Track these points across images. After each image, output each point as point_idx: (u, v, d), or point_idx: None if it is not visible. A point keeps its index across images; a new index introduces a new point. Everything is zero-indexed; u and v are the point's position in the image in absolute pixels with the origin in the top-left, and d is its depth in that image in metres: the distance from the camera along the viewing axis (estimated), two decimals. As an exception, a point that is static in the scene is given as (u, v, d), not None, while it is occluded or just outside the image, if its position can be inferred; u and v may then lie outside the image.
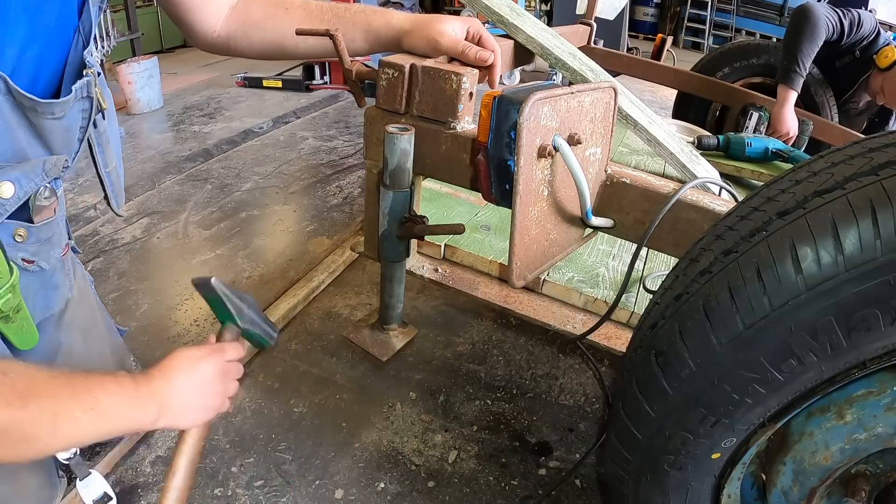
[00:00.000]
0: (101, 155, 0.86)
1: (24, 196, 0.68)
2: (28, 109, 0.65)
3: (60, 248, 0.82)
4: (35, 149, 0.68)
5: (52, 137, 0.70)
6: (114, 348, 1.08)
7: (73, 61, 0.71)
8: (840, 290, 0.57)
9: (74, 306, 0.91)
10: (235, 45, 1.01)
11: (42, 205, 0.71)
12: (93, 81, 0.72)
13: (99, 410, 0.60)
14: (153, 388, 0.67)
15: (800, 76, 2.13)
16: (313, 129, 3.91)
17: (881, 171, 0.59)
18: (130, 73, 3.89)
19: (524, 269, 1.00)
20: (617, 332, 1.37)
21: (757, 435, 0.71)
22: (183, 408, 0.71)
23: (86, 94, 0.72)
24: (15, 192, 0.66)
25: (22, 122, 0.65)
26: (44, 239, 0.76)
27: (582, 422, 1.56)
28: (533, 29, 1.38)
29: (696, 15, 9.04)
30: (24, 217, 0.71)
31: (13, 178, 0.65)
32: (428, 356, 1.75)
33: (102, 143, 0.85)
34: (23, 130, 0.66)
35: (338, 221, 2.66)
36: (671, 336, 0.68)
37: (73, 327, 0.90)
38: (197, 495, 1.29)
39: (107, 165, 0.88)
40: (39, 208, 0.71)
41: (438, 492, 1.34)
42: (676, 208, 0.97)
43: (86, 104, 0.73)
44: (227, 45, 1.00)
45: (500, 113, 0.94)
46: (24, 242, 0.72)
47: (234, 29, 0.99)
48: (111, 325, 1.10)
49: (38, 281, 0.79)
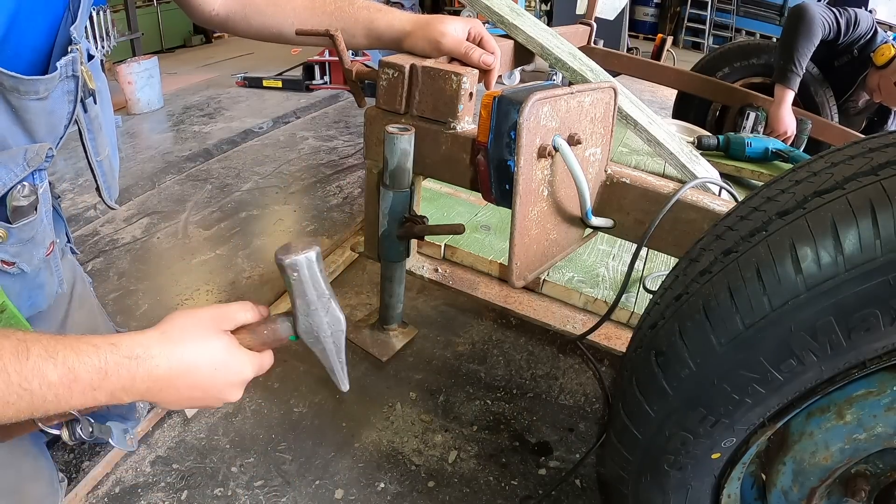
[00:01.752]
0: (92, 142, 0.79)
1: (2, 190, 0.62)
2: (9, 90, 0.59)
3: (45, 248, 0.75)
4: (16, 135, 0.63)
5: (34, 121, 0.64)
6: None
7: (61, 38, 0.65)
8: (840, 290, 0.57)
9: (75, 311, 0.90)
10: (234, 26, 1.00)
11: (20, 204, 0.65)
12: (78, 58, 0.66)
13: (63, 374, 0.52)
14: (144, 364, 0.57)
15: (796, 76, 2.13)
16: (313, 129, 3.91)
17: (881, 171, 0.59)
18: (130, 73, 3.89)
19: (524, 269, 1.00)
20: (617, 332, 1.37)
21: (757, 435, 0.71)
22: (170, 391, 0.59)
23: (70, 73, 0.66)
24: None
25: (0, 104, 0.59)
26: (25, 239, 0.69)
27: (582, 422, 1.56)
28: (533, 29, 1.38)
29: (696, 15, 9.05)
30: (2, 215, 0.65)
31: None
32: (428, 356, 1.75)
33: (94, 129, 0.79)
34: (2, 114, 0.60)
35: (338, 221, 2.66)
36: (671, 336, 0.68)
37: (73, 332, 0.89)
38: (197, 495, 1.29)
39: (98, 154, 0.82)
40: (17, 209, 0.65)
41: (438, 492, 1.34)
42: (676, 208, 0.97)
43: (70, 84, 0.67)
44: (225, 25, 0.99)
45: (500, 113, 0.94)
46: (3, 243, 0.66)
47: (234, 11, 0.98)
48: (110, 326, 1.10)
49: (20, 283, 0.73)
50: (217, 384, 0.63)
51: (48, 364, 0.51)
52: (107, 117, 0.84)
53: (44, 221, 0.72)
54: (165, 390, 0.59)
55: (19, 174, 0.62)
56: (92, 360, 0.53)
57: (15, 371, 0.49)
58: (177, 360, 0.59)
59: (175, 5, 1.00)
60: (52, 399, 0.52)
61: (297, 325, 0.67)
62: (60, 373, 0.51)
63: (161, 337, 0.59)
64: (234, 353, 0.64)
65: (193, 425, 1.47)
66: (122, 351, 0.56)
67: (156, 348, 0.58)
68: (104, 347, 0.55)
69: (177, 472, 1.35)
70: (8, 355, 0.49)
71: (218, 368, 0.62)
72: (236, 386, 0.65)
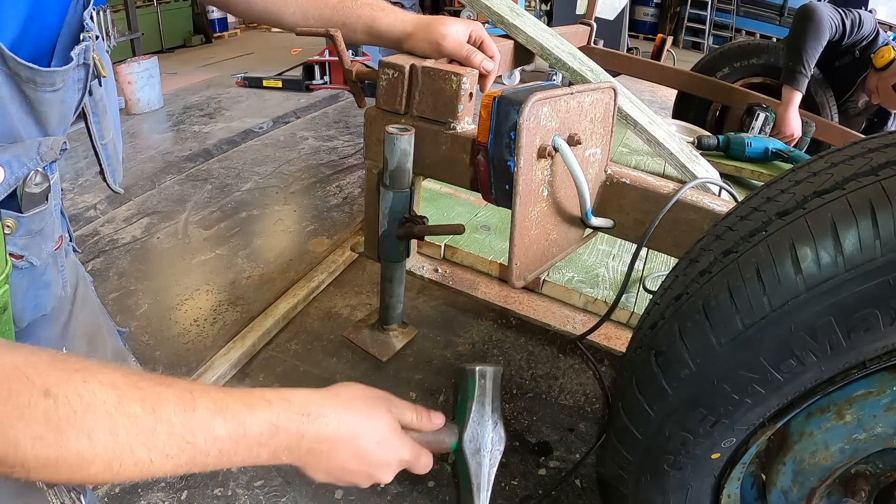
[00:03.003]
0: (97, 126, 0.77)
1: (15, 183, 0.60)
2: (25, 81, 0.57)
3: (53, 242, 0.73)
4: (28, 127, 0.61)
5: (48, 112, 0.62)
6: (115, 351, 1.07)
7: (71, 24, 0.63)
8: (839, 290, 0.57)
9: (78, 312, 0.89)
10: (234, 8, 0.99)
11: (32, 191, 0.62)
12: (91, 46, 0.64)
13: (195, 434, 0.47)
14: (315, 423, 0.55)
15: (805, 77, 2.13)
16: (313, 129, 3.92)
17: (881, 171, 0.59)
18: (130, 73, 3.89)
19: (524, 270, 1.00)
20: (617, 332, 1.37)
21: (757, 435, 0.71)
22: (330, 456, 0.57)
23: (83, 61, 0.64)
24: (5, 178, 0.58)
25: (16, 96, 0.57)
26: (35, 231, 0.67)
27: (582, 422, 1.56)
28: (533, 29, 1.38)
29: (696, 15, 9.05)
30: (12, 206, 0.62)
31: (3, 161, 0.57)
32: (428, 356, 1.75)
33: (99, 112, 0.77)
34: (15, 106, 0.58)
35: (338, 221, 2.66)
36: (671, 336, 0.68)
37: (77, 334, 0.86)
38: (197, 495, 1.29)
39: (103, 137, 0.80)
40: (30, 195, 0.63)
41: (438, 492, 1.34)
42: (676, 208, 0.97)
43: (81, 72, 0.65)
44: (227, 5, 0.99)
45: (499, 113, 0.94)
46: (12, 234, 0.64)
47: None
48: (111, 327, 1.10)
49: (27, 278, 0.71)
50: (376, 459, 0.61)
51: (217, 418, 0.48)
52: (111, 99, 0.82)
53: (53, 213, 0.71)
54: (326, 454, 0.57)
55: (32, 167, 0.61)
56: (264, 415, 0.52)
57: (180, 423, 0.46)
58: (346, 424, 0.58)
59: (175, 5, 1.00)
60: (215, 455, 0.49)
61: (464, 432, 0.69)
62: (230, 428, 0.49)
63: (334, 399, 0.58)
64: (398, 433, 0.63)
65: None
66: (295, 407, 0.54)
67: (328, 408, 0.57)
68: (277, 403, 0.53)
69: (177, 472, 1.35)
70: (172, 405, 0.46)
71: (381, 443, 0.61)
72: (392, 466, 0.63)
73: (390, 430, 0.62)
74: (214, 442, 0.48)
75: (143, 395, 0.45)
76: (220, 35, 7.18)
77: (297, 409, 0.54)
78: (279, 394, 0.55)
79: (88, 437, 0.41)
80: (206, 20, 6.91)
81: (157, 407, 0.45)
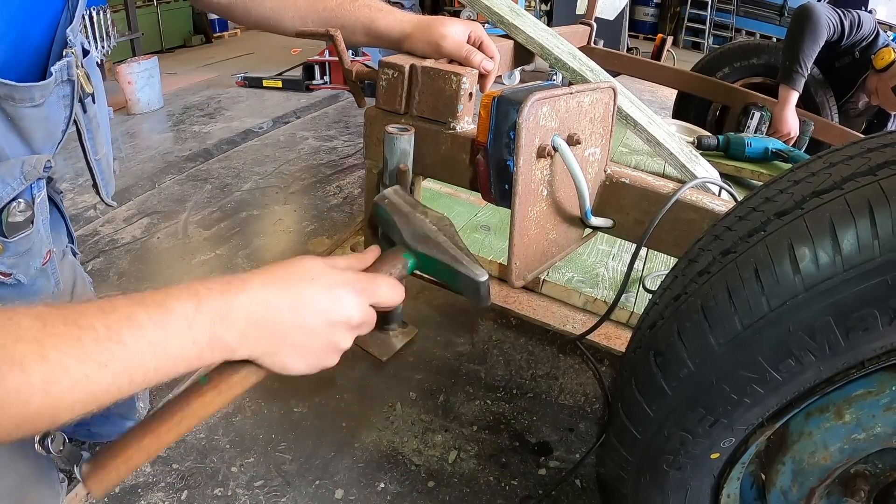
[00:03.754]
0: (91, 142, 0.78)
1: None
2: (3, 98, 0.56)
3: (41, 258, 0.73)
4: (12, 144, 0.60)
5: (31, 129, 0.61)
6: None
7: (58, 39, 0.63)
8: (838, 290, 0.57)
9: None
10: (234, 15, 1.00)
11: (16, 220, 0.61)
12: (73, 62, 0.64)
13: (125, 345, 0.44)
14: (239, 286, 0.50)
15: (801, 76, 2.13)
16: (313, 129, 3.92)
17: (879, 171, 0.59)
18: (130, 73, 3.89)
19: (524, 269, 1.00)
20: (616, 332, 1.38)
21: (756, 435, 0.71)
22: (269, 332, 0.52)
23: (66, 78, 0.63)
24: None
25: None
26: (21, 251, 0.67)
27: (582, 422, 1.56)
28: (533, 29, 1.38)
29: (696, 15, 9.05)
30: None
31: None
32: (428, 356, 1.75)
33: (92, 128, 0.77)
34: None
35: (338, 221, 2.66)
36: (670, 336, 0.69)
37: None
38: (197, 495, 1.29)
39: (97, 153, 0.81)
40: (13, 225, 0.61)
41: (438, 492, 1.34)
42: (676, 208, 0.97)
43: (66, 89, 0.65)
44: (227, 11, 1.00)
45: (499, 113, 0.94)
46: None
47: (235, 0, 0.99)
48: None
49: (15, 293, 0.71)
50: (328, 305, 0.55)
51: (136, 308, 0.46)
52: (102, 115, 0.83)
53: (41, 232, 0.70)
54: (272, 323, 0.52)
55: (17, 188, 0.59)
56: (184, 293, 0.48)
57: (103, 325, 0.44)
58: (273, 282, 0.53)
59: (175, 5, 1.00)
60: (151, 353, 0.45)
61: (402, 240, 0.65)
62: (151, 313, 0.46)
63: (255, 270, 0.55)
64: (336, 269, 0.58)
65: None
66: (214, 282, 0.51)
67: (251, 275, 0.54)
68: (195, 283, 0.50)
69: (177, 471, 1.35)
70: (93, 312, 0.44)
71: (324, 285, 0.55)
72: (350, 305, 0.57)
73: (327, 268, 0.56)
74: (142, 334, 0.45)
75: (66, 314, 0.43)
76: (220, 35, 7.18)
77: (217, 282, 0.51)
78: (198, 280, 0.51)
79: (21, 368, 0.40)
80: (206, 20, 6.91)
81: (79, 319, 0.43)
